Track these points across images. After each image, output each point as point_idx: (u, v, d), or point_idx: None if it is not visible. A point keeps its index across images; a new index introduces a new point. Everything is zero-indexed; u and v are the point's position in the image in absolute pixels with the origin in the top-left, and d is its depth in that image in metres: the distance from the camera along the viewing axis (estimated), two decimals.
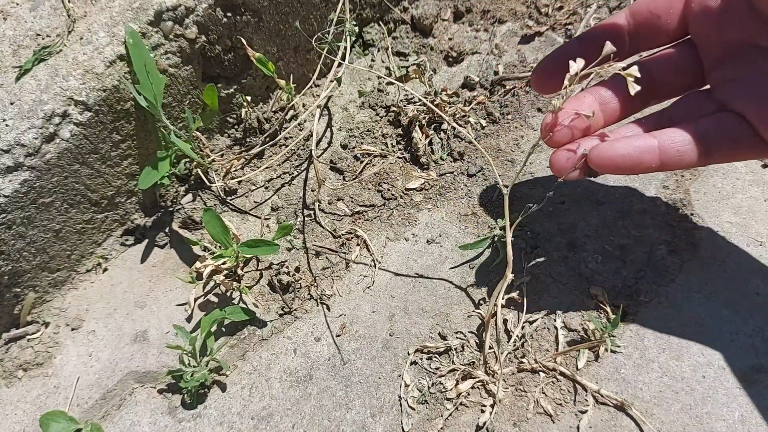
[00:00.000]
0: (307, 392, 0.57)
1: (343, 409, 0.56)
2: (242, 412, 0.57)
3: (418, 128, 0.70)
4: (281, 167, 0.72)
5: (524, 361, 0.56)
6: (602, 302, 0.58)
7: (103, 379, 0.59)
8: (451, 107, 0.72)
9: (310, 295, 0.63)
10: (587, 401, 0.53)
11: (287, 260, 0.65)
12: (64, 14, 0.60)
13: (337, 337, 0.60)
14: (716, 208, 0.62)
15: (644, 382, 0.54)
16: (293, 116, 0.75)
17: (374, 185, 0.70)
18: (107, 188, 0.63)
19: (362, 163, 0.71)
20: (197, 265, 0.62)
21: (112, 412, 0.58)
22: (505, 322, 0.59)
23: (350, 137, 0.73)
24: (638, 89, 0.44)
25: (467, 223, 0.66)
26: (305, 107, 0.75)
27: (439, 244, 0.65)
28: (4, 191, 0.55)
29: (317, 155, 0.72)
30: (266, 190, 0.71)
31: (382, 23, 0.81)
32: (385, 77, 0.69)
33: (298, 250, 0.66)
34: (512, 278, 0.60)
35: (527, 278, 0.60)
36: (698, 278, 0.58)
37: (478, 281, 0.62)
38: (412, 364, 0.57)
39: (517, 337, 0.57)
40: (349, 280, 0.64)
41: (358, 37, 0.80)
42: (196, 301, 0.63)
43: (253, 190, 0.71)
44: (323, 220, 0.68)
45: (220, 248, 0.62)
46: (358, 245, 0.66)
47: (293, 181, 0.71)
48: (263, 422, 0.56)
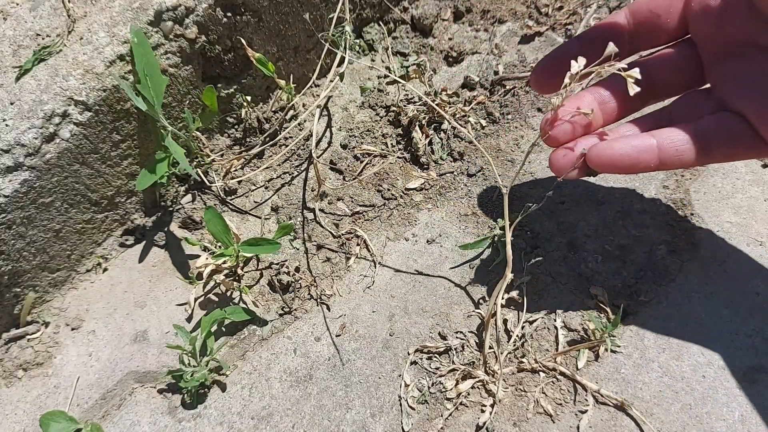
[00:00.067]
0: (307, 392, 0.57)
1: (343, 409, 0.56)
2: (242, 412, 0.57)
3: (418, 128, 0.70)
4: (281, 167, 0.72)
5: (524, 361, 0.56)
6: (602, 302, 0.58)
7: (103, 379, 0.59)
8: (451, 107, 0.72)
9: (310, 295, 0.63)
10: (587, 401, 0.53)
11: (287, 260, 0.65)
12: (64, 14, 0.60)
13: (337, 337, 0.60)
14: (716, 208, 0.62)
15: (644, 382, 0.54)
16: (293, 116, 0.75)
17: (374, 185, 0.70)
18: (107, 188, 0.63)
19: (362, 163, 0.71)
20: (197, 264, 0.62)
21: (112, 412, 0.58)
22: (505, 322, 0.59)
23: (350, 137, 0.73)
24: (638, 90, 0.44)
25: (467, 223, 0.66)
26: (305, 107, 0.75)
27: (439, 243, 0.65)
28: (4, 191, 0.55)
29: (317, 155, 0.72)
30: (266, 190, 0.71)
31: (382, 23, 0.81)
32: (387, 73, 0.69)
33: (298, 249, 0.66)
34: (512, 278, 0.60)
35: (527, 278, 0.60)
36: (698, 278, 0.58)
37: (478, 281, 0.62)
38: (412, 364, 0.57)
39: (517, 337, 0.57)
40: (349, 280, 0.64)
41: (358, 37, 0.80)
42: (196, 300, 0.63)
43: (253, 190, 0.71)
44: (323, 220, 0.68)
45: (220, 248, 0.62)
46: (358, 245, 0.66)
47: (293, 181, 0.71)
48: (263, 422, 0.56)
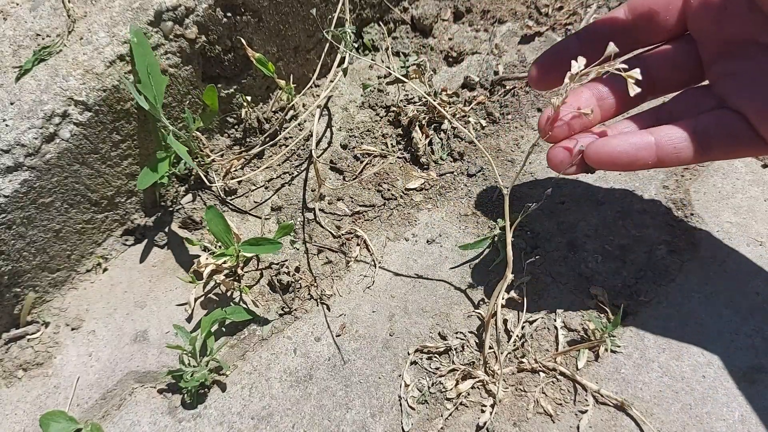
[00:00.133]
0: (307, 392, 0.57)
1: (343, 409, 0.56)
2: (242, 412, 0.57)
3: (418, 128, 0.70)
4: (281, 167, 0.72)
5: (524, 361, 0.56)
6: (602, 302, 0.58)
7: (103, 379, 0.59)
8: (451, 107, 0.72)
9: (310, 295, 0.63)
10: (587, 401, 0.53)
11: (287, 260, 0.65)
12: (64, 14, 0.60)
13: (337, 337, 0.60)
14: (716, 208, 0.62)
15: (644, 382, 0.54)
16: (293, 116, 0.75)
17: (374, 185, 0.70)
18: (107, 188, 0.63)
19: (362, 163, 0.71)
20: (197, 264, 0.62)
21: (112, 412, 0.58)
22: (505, 322, 0.59)
23: (350, 137, 0.73)
24: (638, 91, 0.44)
25: (467, 223, 0.66)
26: (305, 107, 0.75)
27: (439, 244, 0.65)
28: (4, 191, 0.55)
29: (317, 155, 0.72)
30: (266, 190, 0.71)
31: (382, 23, 0.81)
32: (388, 71, 0.69)
33: (298, 250, 0.66)
34: (512, 278, 0.60)
35: (527, 278, 0.60)
36: (698, 278, 0.58)
37: (478, 281, 0.62)
38: (412, 364, 0.57)
39: (517, 337, 0.57)
40: (349, 280, 0.64)
41: (358, 37, 0.80)
42: (196, 300, 0.63)
43: (253, 190, 0.71)
44: (323, 220, 0.68)
45: (220, 248, 0.62)
46: (358, 245, 0.66)
47: (293, 181, 0.71)
48: (263, 422, 0.56)
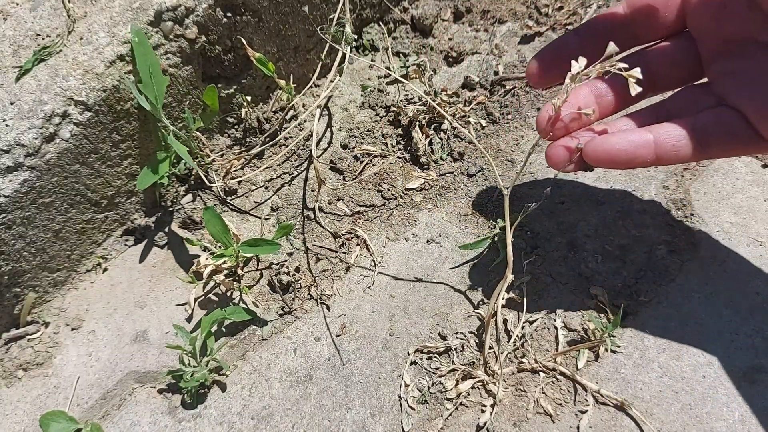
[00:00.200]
0: (307, 392, 0.57)
1: (343, 409, 0.56)
2: (242, 412, 0.57)
3: (418, 128, 0.70)
4: (281, 167, 0.72)
5: (524, 361, 0.56)
6: (602, 302, 0.58)
7: (103, 379, 0.59)
8: (451, 107, 0.72)
9: (310, 295, 0.63)
10: (587, 401, 0.53)
11: (287, 260, 0.65)
12: (64, 14, 0.60)
13: (337, 337, 0.60)
14: (716, 208, 0.62)
15: (644, 382, 0.54)
16: (293, 116, 0.75)
17: (374, 185, 0.70)
18: (107, 188, 0.63)
19: (362, 163, 0.71)
20: (197, 264, 0.62)
21: (112, 412, 0.58)
22: (505, 322, 0.59)
23: (350, 137, 0.73)
24: (639, 90, 0.44)
25: (467, 223, 0.66)
26: (305, 107, 0.75)
27: (439, 244, 0.65)
28: (4, 191, 0.55)
29: (317, 155, 0.72)
30: (266, 190, 0.71)
31: (382, 23, 0.81)
32: (388, 72, 0.69)
33: (298, 250, 0.66)
34: (512, 278, 0.59)
35: (527, 278, 0.60)
36: (698, 278, 0.58)
37: (478, 281, 0.62)
38: (412, 364, 0.57)
39: (517, 337, 0.57)
40: (349, 280, 0.64)
41: (358, 37, 0.80)
42: (196, 301, 0.63)
43: (253, 190, 0.71)
44: (323, 220, 0.68)
45: (220, 248, 0.62)
46: (358, 245, 0.66)
47: (293, 181, 0.71)
48: (263, 422, 0.56)
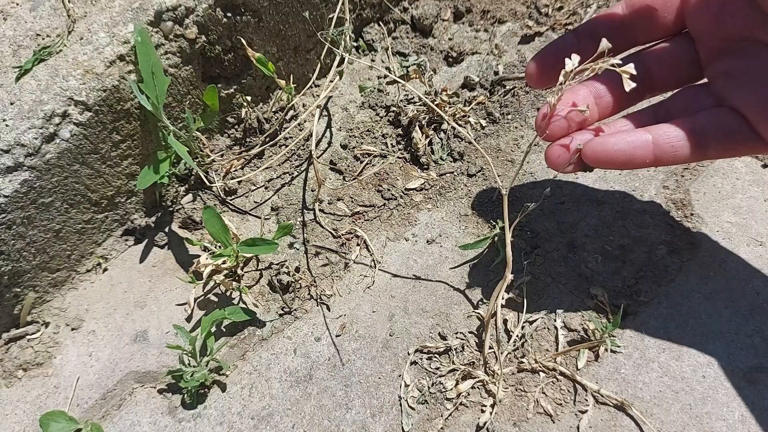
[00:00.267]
0: (307, 392, 0.57)
1: (343, 409, 0.56)
2: (242, 412, 0.57)
3: (418, 128, 0.70)
4: (281, 167, 0.72)
5: (524, 361, 0.56)
6: (602, 302, 0.58)
7: (103, 379, 0.59)
8: (451, 107, 0.72)
9: (310, 295, 0.63)
10: (587, 401, 0.53)
11: (287, 260, 0.65)
12: (64, 14, 0.60)
13: (337, 337, 0.60)
14: (716, 208, 0.62)
15: (644, 382, 0.54)
16: (293, 116, 0.75)
17: (374, 185, 0.70)
18: (107, 188, 0.63)
19: (362, 163, 0.71)
20: (197, 264, 0.62)
21: (112, 412, 0.58)
22: (505, 322, 0.59)
23: (350, 137, 0.73)
24: (633, 86, 0.44)
25: (467, 223, 0.66)
26: (305, 107, 0.75)
27: (439, 244, 0.65)
28: (4, 191, 0.55)
29: (317, 155, 0.72)
30: (266, 190, 0.71)
31: (382, 23, 0.81)
32: (387, 73, 0.69)
33: (298, 250, 0.66)
34: (512, 278, 0.59)
35: (527, 278, 0.60)
36: (698, 278, 0.58)
37: (477, 281, 0.62)
38: (412, 364, 0.57)
39: (517, 337, 0.57)
40: (349, 280, 0.64)
41: (358, 37, 0.80)
42: (196, 300, 0.63)
43: (253, 190, 0.71)
44: (323, 220, 0.68)
45: (219, 248, 0.62)
46: (358, 245, 0.66)
47: (293, 181, 0.71)
48: (263, 422, 0.56)
